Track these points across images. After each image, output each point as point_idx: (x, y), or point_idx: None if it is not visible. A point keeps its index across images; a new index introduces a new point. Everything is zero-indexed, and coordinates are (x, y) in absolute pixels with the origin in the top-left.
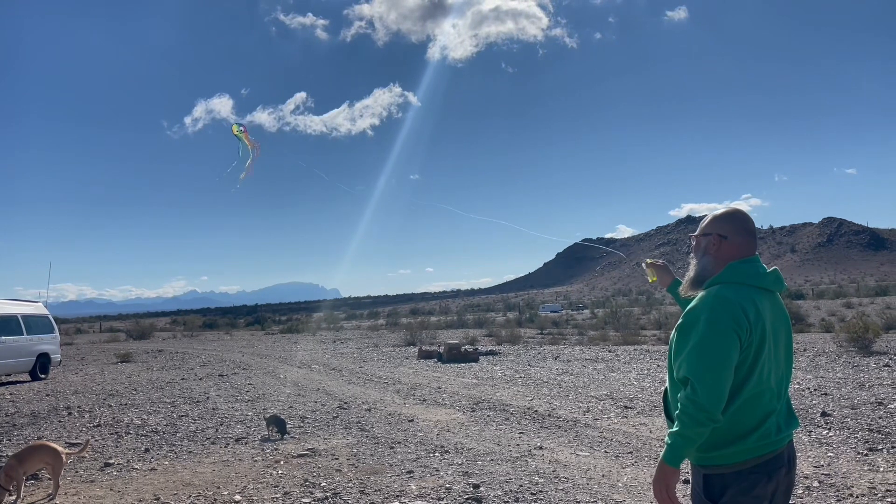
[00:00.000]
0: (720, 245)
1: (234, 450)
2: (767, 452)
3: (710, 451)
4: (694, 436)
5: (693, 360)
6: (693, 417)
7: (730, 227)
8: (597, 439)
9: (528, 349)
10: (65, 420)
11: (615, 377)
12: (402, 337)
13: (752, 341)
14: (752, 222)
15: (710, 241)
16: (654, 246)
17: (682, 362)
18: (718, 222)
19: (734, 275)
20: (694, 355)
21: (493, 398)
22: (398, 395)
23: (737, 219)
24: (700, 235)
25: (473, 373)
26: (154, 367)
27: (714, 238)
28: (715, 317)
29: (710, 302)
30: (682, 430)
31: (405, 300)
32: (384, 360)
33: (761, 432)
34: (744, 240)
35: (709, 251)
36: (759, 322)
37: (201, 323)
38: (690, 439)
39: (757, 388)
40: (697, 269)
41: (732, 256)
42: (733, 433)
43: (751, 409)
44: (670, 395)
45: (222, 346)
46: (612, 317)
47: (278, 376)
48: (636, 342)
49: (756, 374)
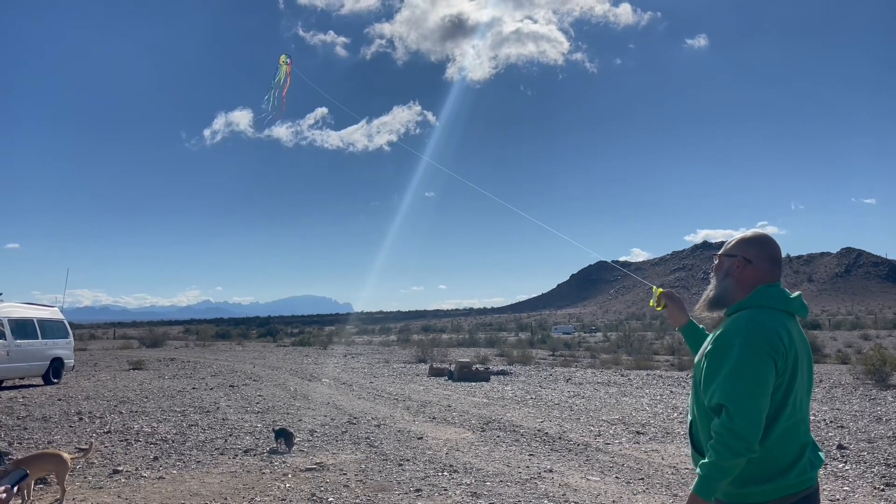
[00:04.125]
0: (744, 268)
1: (242, 461)
2: (806, 488)
3: (747, 487)
4: (730, 467)
5: (728, 385)
6: (729, 447)
7: (756, 252)
8: (608, 464)
9: (540, 370)
10: (75, 425)
11: (627, 402)
12: (413, 353)
13: (787, 367)
14: (779, 249)
15: (735, 263)
16: (670, 271)
17: (716, 389)
18: (745, 245)
19: (765, 299)
20: (729, 381)
21: (503, 418)
22: (408, 411)
23: (764, 244)
24: (724, 255)
25: (484, 392)
26: (166, 376)
27: (739, 261)
28: (751, 341)
29: (745, 326)
30: (717, 461)
31: (417, 317)
32: (395, 376)
33: (800, 467)
34: (769, 267)
35: (731, 273)
36: (792, 348)
37: (214, 333)
38: (726, 470)
39: (792, 417)
40: (717, 290)
41: (756, 281)
42: (772, 467)
43: (788, 441)
44: (699, 425)
45: (234, 356)
46: (624, 340)
47: (288, 389)
48: (649, 367)
49: (790, 403)
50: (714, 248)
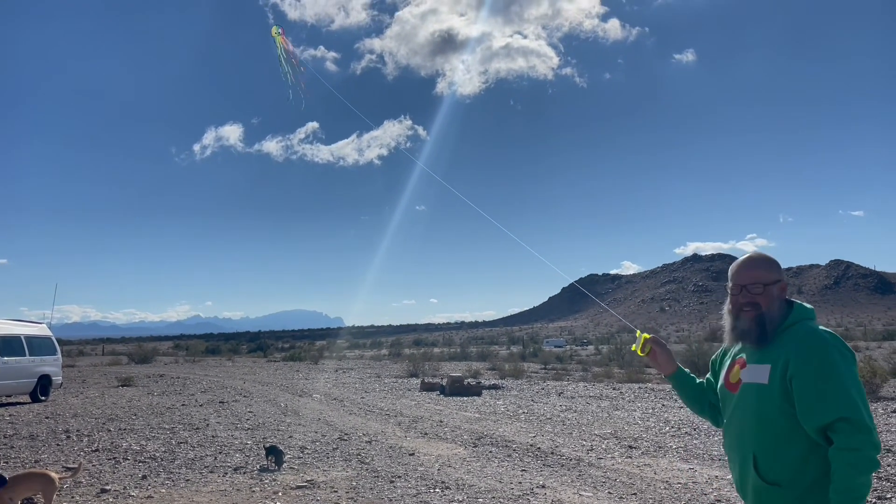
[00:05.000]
0: (784, 291)
1: (232, 479)
2: None
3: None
4: (869, 482)
5: (848, 398)
6: (872, 460)
7: (782, 273)
8: (600, 479)
9: (532, 384)
10: (63, 443)
11: (619, 415)
12: (404, 368)
13: None
14: None
15: (781, 286)
16: (660, 283)
17: (830, 405)
18: (775, 267)
19: (807, 312)
20: (847, 393)
21: (495, 433)
22: (399, 427)
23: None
24: (769, 284)
25: (476, 407)
26: (155, 392)
27: (784, 284)
28: (844, 351)
29: (827, 337)
30: (864, 479)
31: (409, 331)
32: (386, 390)
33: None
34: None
35: (780, 297)
36: None
37: (204, 348)
38: (868, 486)
39: None
40: (777, 320)
41: (784, 301)
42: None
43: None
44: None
45: (224, 372)
46: (616, 353)
47: (279, 405)
48: (641, 380)
49: None
50: (704, 260)
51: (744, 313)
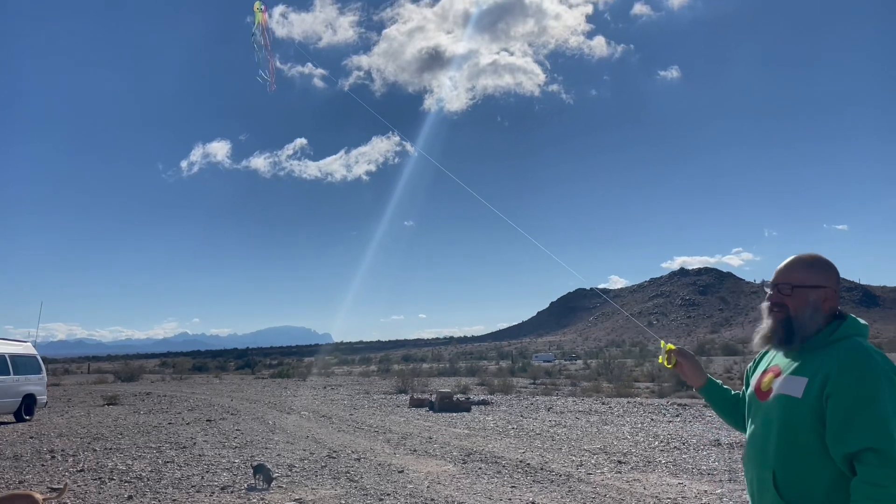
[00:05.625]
0: (833, 299)
1: (219, 499)
2: None
3: None
4: None
5: (880, 428)
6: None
7: (836, 280)
8: (590, 495)
9: (521, 399)
10: (48, 464)
11: (608, 430)
12: (393, 384)
13: None
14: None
15: (825, 294)
16: (648, 297)
17: (860, 432)
18: (828, 274)
19: (860, 329)
20: (881, 423)
21: (484, 449)
22: (388, 444)
23: (836, 271)
24: (808, 287)
25: (465, 423)
26: (141, 411)
27: (830, 292)
28: (893, 376)
29: (872, 359)
30: None
31: (398, 346)
32: (375, 407)
33: None
34: (838, 295)
35: (820, 307)
36: None
37: (191, 366)
38: None
39: None
40: (812, 327)
41: (833, 310)
42: None
43: None
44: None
45: (211, 389)
46: (605, 368)
47: (267, 422)
48: (629, 394)
49: None
50: (691, 274)
51: (772, 314)
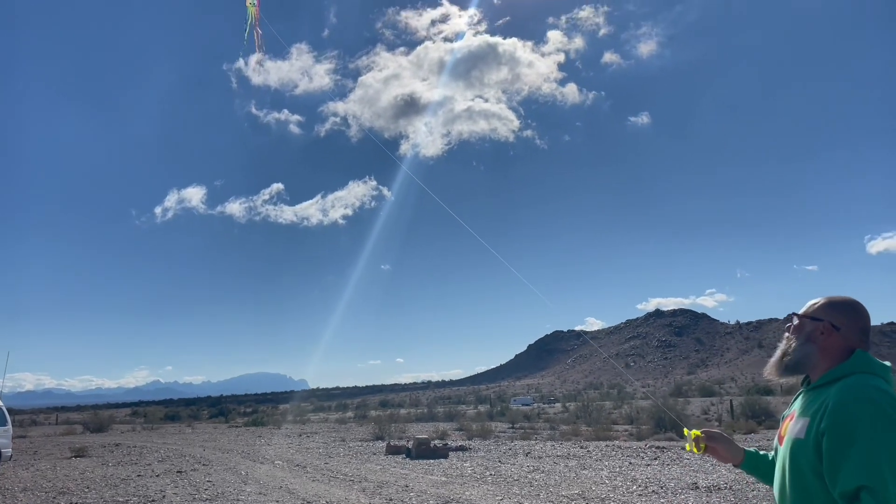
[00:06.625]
0: (829, 336)
1: None
2: None
3: None
4: None
5: (872, 465)
6: None
7: (846, 321)
8: None
9: (499, 444)
10: None
11: (587, 475)
12: (370, 430)
13: None
14: (869, 320)
15: (819, 328)
16: (624, 339)
17: (852, 470)
18: (834, 311)
19: (869, 364)
20: (872, 459)
21: (461, 497)
22: (364, 493)
23: (857, 312)
24: (807, 317)
25: (443, 469)
26: (110, 463)
27: (825, 326)
28: (884, 411)
29: (871, 394)
30: None
31: (375, 391)
32: (351, 455)
33: None
34: (859, 338)
35: (814, 339)
36: None
37: (163, 415)
38: None
39: None
40: (797, 355)
41: (842, 350)
42: None
43: None
44: None
45: (183, 439)
46: (583, 411)
47: (240, 473)
48: (608, 437)
49: None
50: (666, 315)
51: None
